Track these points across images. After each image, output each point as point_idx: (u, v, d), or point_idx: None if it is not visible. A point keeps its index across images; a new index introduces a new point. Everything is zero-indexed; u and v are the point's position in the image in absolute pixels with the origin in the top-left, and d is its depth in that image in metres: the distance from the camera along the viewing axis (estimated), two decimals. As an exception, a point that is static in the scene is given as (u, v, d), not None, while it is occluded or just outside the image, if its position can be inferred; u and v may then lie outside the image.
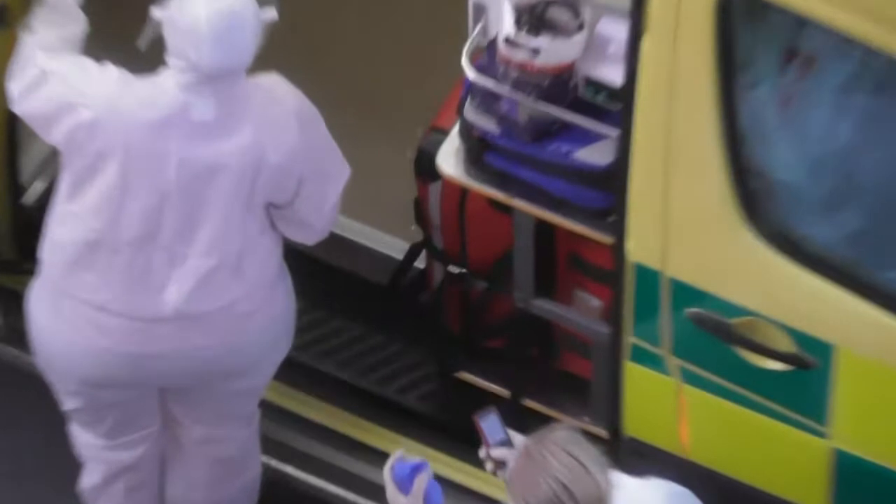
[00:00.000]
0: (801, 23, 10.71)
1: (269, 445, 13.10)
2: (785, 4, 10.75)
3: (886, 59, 10.83)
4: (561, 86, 11.61)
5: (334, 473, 13.25)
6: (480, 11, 12.01)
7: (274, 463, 13.22)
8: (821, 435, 11.65)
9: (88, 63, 11.64)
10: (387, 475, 11.49)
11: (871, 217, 11.10)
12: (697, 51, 11.02)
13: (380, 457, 12.55)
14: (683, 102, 11.08)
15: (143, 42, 11.59)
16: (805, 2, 10.75)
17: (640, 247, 11.31)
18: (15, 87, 11.65)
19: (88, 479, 12.71)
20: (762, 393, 11.58)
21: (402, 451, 11.74)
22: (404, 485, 11.59)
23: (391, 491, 11.58)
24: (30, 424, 13.53)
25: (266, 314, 12.06)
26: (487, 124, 11.78)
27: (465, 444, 12.34)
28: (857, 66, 10.84)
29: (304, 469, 13.23)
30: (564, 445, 10.40)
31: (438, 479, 11.89)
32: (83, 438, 12.50)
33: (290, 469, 13.11)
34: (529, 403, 12.84)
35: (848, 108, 11.05)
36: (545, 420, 12.42)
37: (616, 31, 11.46)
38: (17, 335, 12.61)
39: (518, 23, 11.57)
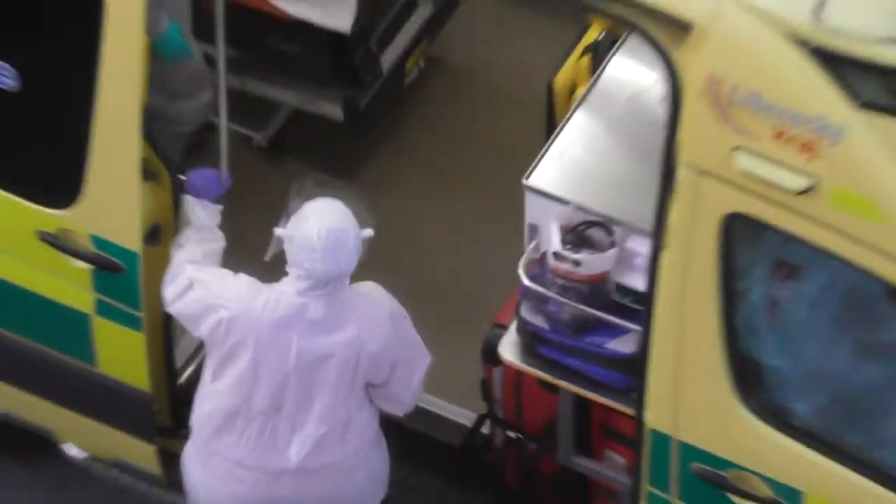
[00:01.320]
0: (789, 239, 11.86)
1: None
2: (780, 227, 11.73)
3: (856, 272, 11.81)
4: (597, 291, 12.52)
5: None
6: (534, 231, 12.83)
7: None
8: None
9: (226, 273, 12.79)
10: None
11: (836, 396, 12.21)
12: (704, 265, 12.07)
13: None
14: (693, 305, 12.11)
15: (268, 255, 12.64)
16: (795, 224, 11.67)
17: (656, 417, 12.36)
18: (168, 293, 12.69)
19: None
20: None
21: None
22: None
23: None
24: None
25: (366, 470, 12.98)
26: (539, 321, 12.75)
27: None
28: (832, 275, 11.98)
29: None
30: None
31: None
32: None
33: None
34: None
35: (821, 310, 12.13)
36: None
37: (641, 246, 12.32)
38: (176, 485, 13.34)
39: (563, 241, 12.52)
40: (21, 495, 14.63)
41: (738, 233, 11.88)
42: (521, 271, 12.70)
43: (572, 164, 13.08)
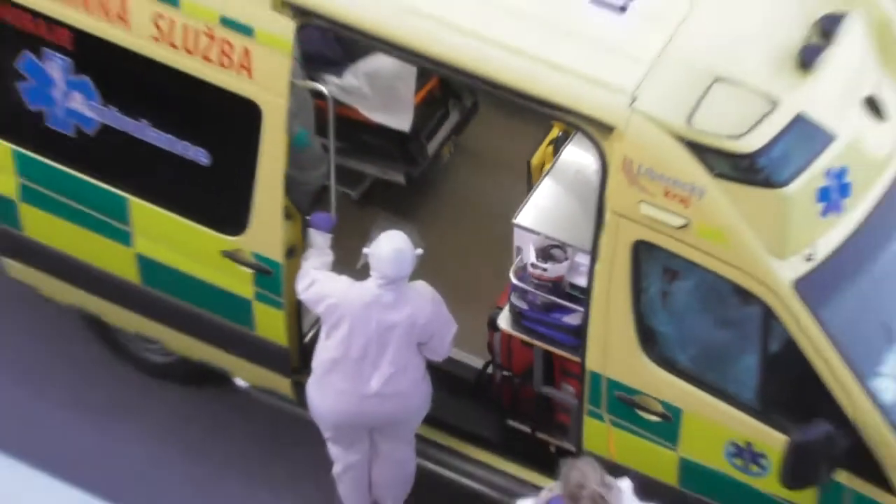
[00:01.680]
0: (673, 256, 12.46)
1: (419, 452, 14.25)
2: (667, 249, 12.45)
3: (713, 275, 12.59)
4: (558, 287, 13.30)
5: (449, 461, 14.18)
6: (519, 251, 13.44)
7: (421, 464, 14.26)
8: None
9: (333, 275, 13.32)
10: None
11: (701, 350, 12.99)
12: (622, 271, 12.71)
13: (453, 457, 14.19)
14: (615, 295, 12.75)
15: (359, 265, 13.19)
16: (676, 246, 12.40)
17: (593, 362, 13.08)
18: (299, 287, 13.29)
19: (335, 470, 13.94)
20: None
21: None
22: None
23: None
24: (307, 440, 14.04)
25: (417, 395, 13.60)
26: (523, 305, 13.47)
27: (502, 454, 14.13)
28: (698, 277, 12.72)
29: (434, 463, 14.15)
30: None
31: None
32: (333, 450, 13.83)
33: (429, 466, 14.12)
34: (541, 434, 14.00)
35: (692, 298, 12.98)
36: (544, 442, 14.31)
37: (584, 259, 12.97)
38: (302, 404, 13.76)
39: (537, 256, 13.24)
40: (207, 410, 14.69)
41: (642, 252, 12.67)
42: (511, 275, 13.42)
43: (542, 210, 13.64)
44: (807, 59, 12.18)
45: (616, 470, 12.85)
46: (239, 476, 14.59)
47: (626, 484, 12.54)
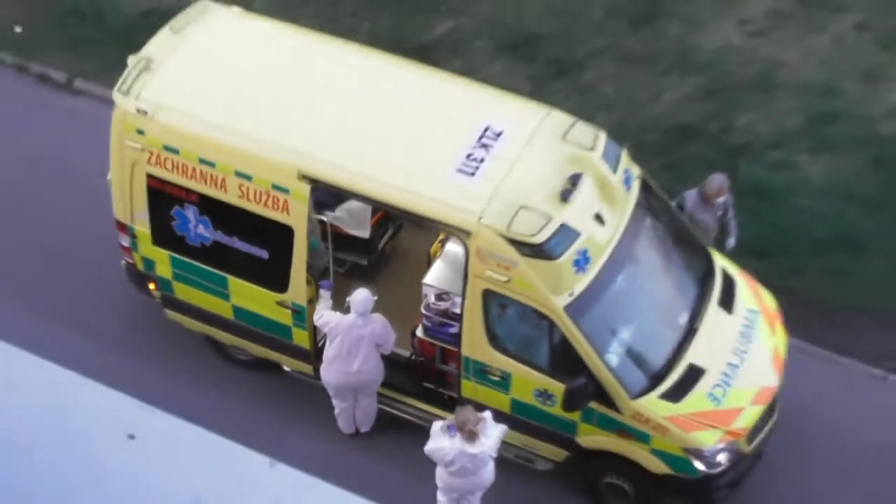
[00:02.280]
0: (504, 297, 12.47)
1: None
2: (502, 293, 12.38)
3: (522, 305, 12.31)
4: (446, 313, 13.21)
5: (394, 405, 13.70)
6: (426, 296, 13.25)
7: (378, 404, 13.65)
8: None
9: (332, 312, 13.12)
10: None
11: (519, 346, 12.70)
12: (477, 305, 12.55)
13: (395, 402, 13.60)
14: (473, 317, 12.62)
15: (346, 306, 13.05)
16: (506, 291, 12.32)
17: (465, 350, 12.88)
18: (315, 319, 13.15)
19: (336, 411, 13.62)
20: None
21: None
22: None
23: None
24: (322, 396, 13.63)
25: (377, 371, 13.34)
26: (428, 323, 13.33)
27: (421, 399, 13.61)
28: (517, 308, 12.40)
29: (386, 406, 13.71)
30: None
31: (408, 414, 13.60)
32: (334, 401, 13.54)
33: (384, 407, 13.66)
34: (440, 389, 13.54)
35: (512, 318, 12.65)
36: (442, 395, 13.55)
37: (458, 299, 12.74)
38: (319, 378, 13.41)
39: (435, 298, 13.24)
40: (271, 383, 14.21)
41: (488, 295, 12.59)
42: (422, 308, 13.37)
43: (437, 275, 13.42)
44: (564, 196, 12.46)
45: (480, 407, 12.76)
46: (289, 408, 14.09)
47: (488, 414, 12.59)
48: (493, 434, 12.41)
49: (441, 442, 12.41)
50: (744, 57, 17.32)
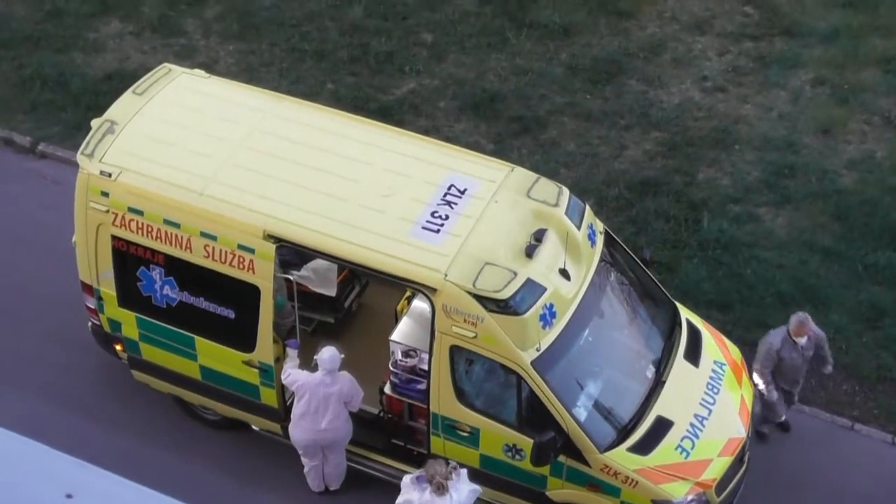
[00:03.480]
0: (471, 353, 12.41)
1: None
2: (468, 349, 12.28)
3: (487, 359, 12.23)
4: (413, 370, 13.08)
5: (364, 462, 13.55)
6: (393, 353, 13.08)
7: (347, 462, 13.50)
8: None
9: (300, 370, 13.01)
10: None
11: (485, 401, 12.60)
12: (443, 361, 12.52)
13: (364, 459, 13.46)
14: (442, 373, 12.54)
15: (313, 364, 12.90)
16: (472, 347, 12.24)
17: (434, 406, 12.73)
18: (283, 377, 13.02)
19: (305, 469, 13.45)
20: None
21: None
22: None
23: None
24: (292, 455, 13.49)
25: (345, 428, 13.21)
26: (396, 380, 13.18)
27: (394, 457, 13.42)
28: (483, 363, 12.36)
29: (355, 463, 13.55)
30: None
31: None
32: (303, 459, 13.39)
33: (352, 465, 13.52)
34: (409, 445, 13.40)
35: (481, 372, 12.57)
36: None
37: (426, 356, 12.62)
38: (287, 437, 13.22)
39: (403, 355, 13.04)
40: (240, 443, 14.05)
41: (454, 351, 12.54)
42: (390, 365, 13.30)
43: (404, 332, 13.32)
44: (529, 252, 12.51)
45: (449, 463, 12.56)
46: (258, 467, 13.95)
47: (464, 471, 12.52)
48: (463, 489, 12.31)
49: (410, 494, 12.32)
50: (704, 113, 17.49)
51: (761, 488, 13.58)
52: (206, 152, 13.10)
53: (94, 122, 13.42)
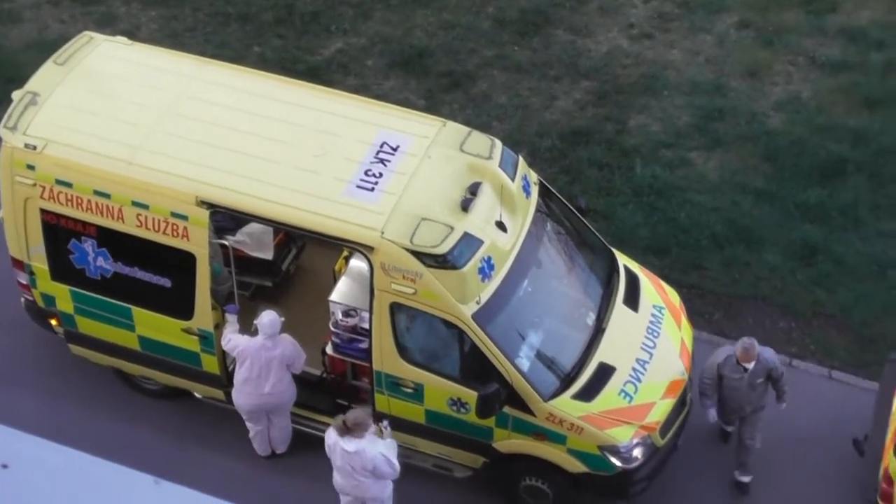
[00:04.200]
0: (411, 308, 12.34)
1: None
2: (408, 305, 12.25)
3: (429, 315, 12.19)
4: (354, 329, 13.13)
5: (309, 423, 13.46)
6: (333, 313, 13.07)
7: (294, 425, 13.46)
8: None
9: (240, 335, 12.98)
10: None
11: (423, 354, 12.61)
12: (384, 318, 12.41)
13: (308, 420, 13.40)
14: (382, 329, 12.53)
15: (253, 329, 12.85)
16: (412, 303, 12.23)
17: (376, 365, 12.68)
18: (223, 343, 13.00)
19: (250, 434, 13.40)
20: None
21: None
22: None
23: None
24: (236, 426, 13.48)
25: (289, 392, 13.18)
26: (337, 340, 13.26)
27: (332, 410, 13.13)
28: (424, 318, 12.28)
29: (300, 425, 13.52)
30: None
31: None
32: (248, 424, 13.38)
33: (297, 427, 13.44)
34: (353, 404, 13.20)
35: (422, 328, 12.50)
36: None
37: (366, 314, 12.66)
38: (231, 403, 13.22)
39: (342, 315, 13.15)
40: (181, 410, 13.99)
41: (395, 308, 12.49)
42: (330, 325, 13.32)
43: (343, 291, 13.34)
44: (464, 206, 12.48)
45: (396, 421, 12.74)
46: (203, 433, 13.90)
47: (391, 440, 12.41)
48: (377, 446, 12.24)
49: (330, 435, 12.42)
50: (632, 60, 17.52)
51: (702, 430, 13.64)
52: (133, 121, 12.96)
53: (16, 95, 13.23)
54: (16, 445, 8.04)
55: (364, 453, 12.19)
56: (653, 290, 13.69)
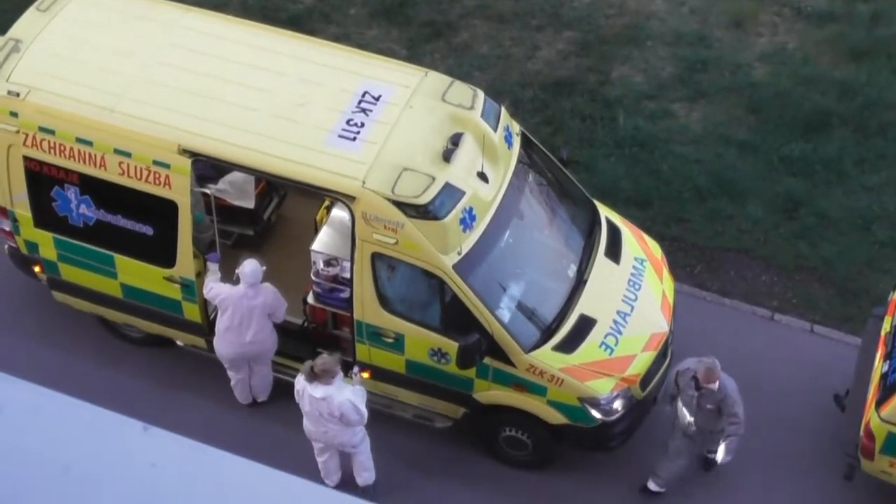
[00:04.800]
0: (392, 258, 12.37)
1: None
2: (389, 255, 12.29)
3: (409, 266, 12.21)
4: (335, 278, 13.11)
5: (290, 372, 13.33)
6: (315, 263, 13.14)
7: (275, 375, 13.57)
8: None
9: (222, 284, 13.02)
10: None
11: (404, 304, 12.71)
12: (366, 269, 12.47)
13: (289, 370, 13.36)
14: (363, 279, 12.53)
15: (235, 277, 12.96)
16: (392, 253, 12.27)
17: (357, 314, 12.74)
18: (205, 291, 13.04)
19: (232, 383, 13.55)
20: None
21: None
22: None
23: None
24: (218, 374, 13.55)
25: (270, 340, 13.27)
26: (318, 290, 13.28)
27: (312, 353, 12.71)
28: (404, 267, 12.32)
29: (280, 373, 13.59)
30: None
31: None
32: (230, 373, 13.47)
33: (278, 375, 13.56)
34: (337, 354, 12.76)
35: (403, 278, 12.57)
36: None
37: (347, 264, 12.65)
38: (212, 351, 13.31)
39: (324, 264, 13.16)
40: (164, 357, 14.07)
41: (376, 258, 12.51)
42: (312, 275, 13.32)
43: (325, 241, 13.33)
44: (446, 156, 12.44)
45: (377, 371, 12.98)
46: (185, 382, 14.02)
47: (360, 387, 12.55)
48: (343, 392, 12.31)
49: (299, 381, 12.54)
50: (615, 10, 17.46)
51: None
52: (115, 69, 12.93)
53: (-2, 41, 13.46)
54: (4, 389, 8.22)
55: (331, 399, 12.26)
56: (634, 242, 13.72)
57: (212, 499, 7.75)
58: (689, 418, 12.65)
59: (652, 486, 13.27)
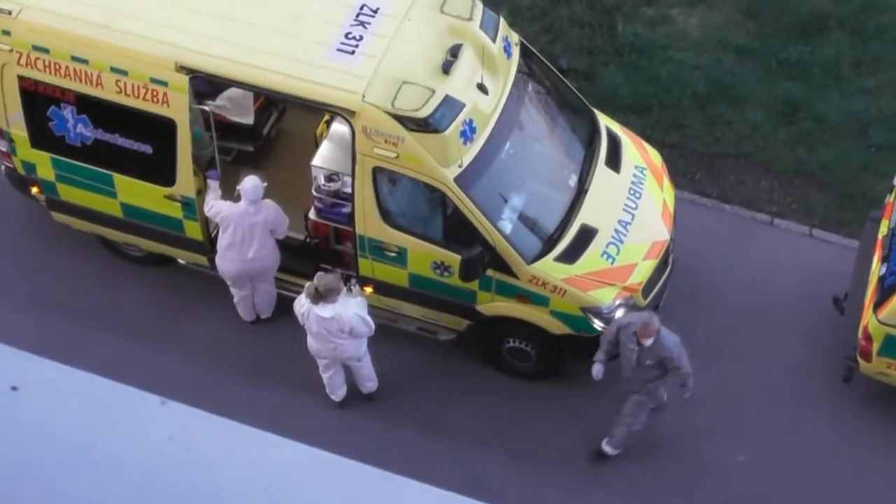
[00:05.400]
0: (394, 172, 12.43)
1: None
2: (390, 169, 12.25)
3: (410, 178, 12.29)
4: (336, 193, 13.13)
5: (293, 288, 13.40)
6: (316, 178, 13.07)
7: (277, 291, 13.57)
8: None
9: (222, 201, 13.03)
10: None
11: (406, 218, 12.68)
12: (367, 182, 12.45)
13: (293, 286, 13.37)
14: (365, 194, 12.51)
15: (235, 195, 12.96)
16: (394, 167, 12.27)
17: (359, 229, 12.77)
18: (206, 209, 13.06)
19: (235, 300, 13.61)
20: None
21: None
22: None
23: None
24: (221, 292, 13.62)
25: (273, 257, 13.29)
26: (320, 205, 13.26)
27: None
28: (406, 181, 12.41)
29: (284, 290, 13.62)
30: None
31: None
32: (232, 290, 13.56)
33: (282, 291, 13.58)
34: (337, 269, 13.32)
35: (405, 192, 12.60)
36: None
37: (349, 179, 12.71)
38: (214, 269, 13.38)
39: (325, 179, 13.10)
40: (167, 275, 14.06)
41: (377, 172, 12.50)
42: (313, 190, 13.24)
43: (325, 156, 13.25)
44: (445, 68, 12.40)
45: (380, 285, 13.03)
46: (188, 300, 14.03)
47: (360, 297, 12.68)
48: (349, 307, 12.37)
49: (301, 303, 12.53)
50: (611, -85, 17.39)
51: (686, 288, 13.73)
52: (108, -15, 13.06)
53: (-11, -41, 13.26)
54: (24, 366, 8.40)
55: (340, 317, 12.34)
56: (634, 150, 13.71)
57: (229, 470, 7.92)
58: (625, 372, 12.51)
59: (607, 448, 13.07)
